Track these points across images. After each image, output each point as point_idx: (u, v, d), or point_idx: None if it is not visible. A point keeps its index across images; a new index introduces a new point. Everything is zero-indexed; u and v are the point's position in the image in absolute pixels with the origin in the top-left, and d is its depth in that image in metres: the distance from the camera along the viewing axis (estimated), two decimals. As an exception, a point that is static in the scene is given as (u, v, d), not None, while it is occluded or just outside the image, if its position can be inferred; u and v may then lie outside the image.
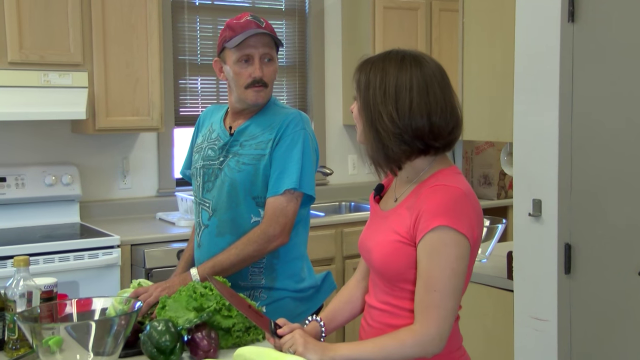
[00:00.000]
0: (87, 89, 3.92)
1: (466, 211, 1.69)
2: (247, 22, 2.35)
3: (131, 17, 4.05)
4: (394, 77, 1.72)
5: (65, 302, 1.85)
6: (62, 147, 4.27)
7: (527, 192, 2.71)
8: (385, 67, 1.74)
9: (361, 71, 1.77)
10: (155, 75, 4.12)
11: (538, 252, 2.69)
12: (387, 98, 1.71)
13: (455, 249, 1.67)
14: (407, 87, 1.71)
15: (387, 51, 1.79)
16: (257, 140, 2.37)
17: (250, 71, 2.35)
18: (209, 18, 4.75)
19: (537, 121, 2.67)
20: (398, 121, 1.70)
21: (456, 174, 1.78)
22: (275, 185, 2.32)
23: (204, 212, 2.45)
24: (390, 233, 1.75)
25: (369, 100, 1.73)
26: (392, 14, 5.00)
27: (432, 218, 1.67)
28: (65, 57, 3.87)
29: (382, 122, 1.71)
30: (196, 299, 1.94)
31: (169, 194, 4.57)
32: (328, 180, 5.19)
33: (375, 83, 1.73)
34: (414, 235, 1.70)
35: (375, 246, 1.79)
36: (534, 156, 2.69)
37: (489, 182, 5.32)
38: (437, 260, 1.67)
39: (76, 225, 4.09)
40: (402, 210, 1.76)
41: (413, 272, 1.72)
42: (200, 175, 2.46)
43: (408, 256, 1.72)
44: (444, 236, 1.66)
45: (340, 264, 4.43)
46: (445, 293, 1.67)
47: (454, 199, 1.69)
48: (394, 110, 1.70)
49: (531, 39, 2.68)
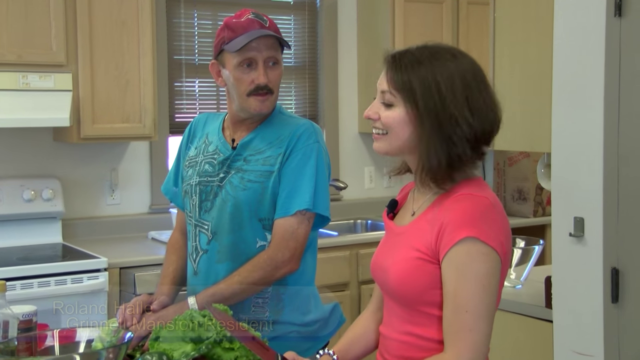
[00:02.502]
0: (71, 93, 3.93)
1: (495, 223, 1.69)
2: (248, 22, 2.34)
3: (121, 11, 4.07)
4: (456, 70, 1.71)
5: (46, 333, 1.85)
6: (43, 157, 4.28)
7: (568, 209, 2.70)
8: (435, 60, 1.72)
9: (403, 70, 1.74)
10: (147, 77, 4.14)
11: (581, 278, 2.68)
12: (458, 96, 1.70)
13: (485, 263, 1.67)
14: (474, 80, 1.72)
15: (425, 45, 1.77)
16: (264, 155, 2.36)
17: (253, 77, 2.34)
18: (208, 13, 4.77)
19: (578, 128, 2.66)
20: (472, 122, 1.71)
21: (482, 184, 1.78)
22: (285, 205, 2.31)
23: (202, 235, 2.43)
24: (409, 250, 1.75)
25: (433, 102, 1.70)
26: (414, 7, 5.00)
27: (457, 229, 1.67)
28: (47, 57, 3.89)
29: (455, 126, 1.70)
30: (194, 329, 1.94)
31: (163, 210, 4.57)
32: (342, 195, 5.18)
33: (436, 79, 1.70)
34: (437, 250, 1.70)
35: (391, 265, 1.78)
36: (575, 168, 2.68)
37: (524, 198, 5.30)
38: (465, 276, 1.66)
39: (58, 246, 4.10)
40: (422, 223, 1.76)
41: (436, 294, 1.71)
42: (196, 193, 2.45)
43: (430, 275, 1.71)
44: (472, 249, 1.66)
45: (356, 290, 4.42)
46: (477, 314, 1.66)
47: (481, 208, 1.69)
48: (467, 111, 1.70)
49: (572, 34, 2.67)
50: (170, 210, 4.42)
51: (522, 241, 3.25)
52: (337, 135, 5.21)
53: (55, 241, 4.16)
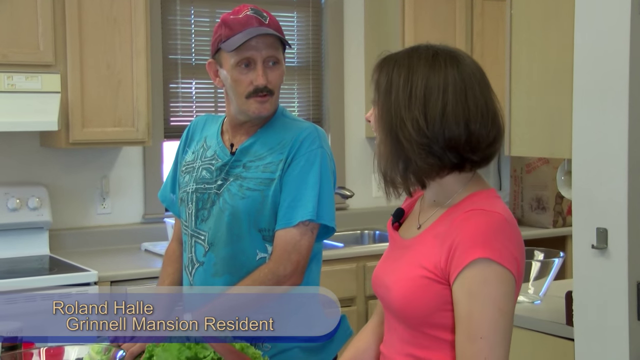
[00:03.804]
0: (59, 95, 3.94)
1: (509, 241, 1.69)
2: (246, 18, 2.34)
3: (112, 8, 4.08)
4: (424, 76, 1.72)
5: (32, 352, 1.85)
6: (29, 164, 4.29)
7: (590, 219, 2.69)
8: (412, 64, 1.74)
9: (381, 70, 1.78)
10: (141, 78, 4.14)
11: (604, 293, 2.67)
12: (414, 101, 1.71)
13: (500, 285, 1.66)
14: (441, 89, 1.71)
15: (414, 46, 1.80)
16: (265, 162, 2.36)
17: (251, 78, 2.34)
18: (206, 10, 4.78)
19: (601, 132, 2.65)
20: (426, 129, 1.71)
21: (494, 197, 1.78)
22: (287, 215, 2.31)
23: (198, 246, 2.44)
24: (414, 267, 1.74)
25: (389, 104, 1.74)
26: (425, 3, 5.01)
27: (470, 249, 1.66)
28: (33, 56, 3.90)
29: (404, 129, 1.71)
30: (190, 347, 1.94)
31: (157, 220, 4.58)
32: (348, 204, 5.18)
33: (399, 83, 1.73)
34: (447, 271, 1.69)
35: (394, 283, 1.77)
36: (598, 175, 2.67)
37: (542, 207, 5.30)
38: (479, 300, 1.66)
39: (45, 258, 4.10)
40: (429, 238, 1.76)
41: (444, 316, 1.71)
42: (192, 201, 2.45)
43: (437, 295, 1.71)
44: (486, 271, 1.65)
45: (362, 305, 4.41)
46: (494, 340, 1.65)
47: (495, 226, 1.69)
48: (421, 116, 1.71)
49: (594, 33, 2.67)
50: (165, 220, 4.43)
51: (541, 253, 3.24)
52: (342, 140, 5.21)
53: (41, 253, 4.16)
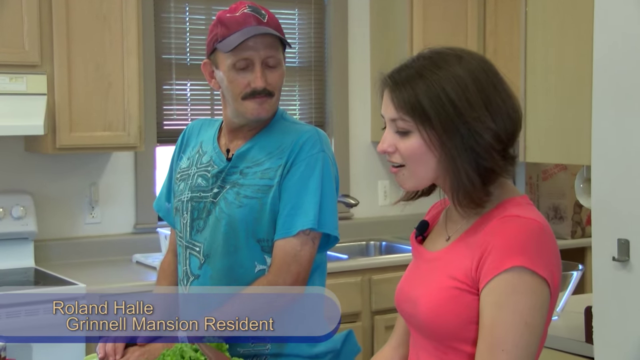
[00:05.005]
0: (45, 97, 3.94)
1: (547, 250, 1.70)
2: (244, 16, 2.34)
3: (102, 5, 4.09)
4: (465, 72, 1.71)
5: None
6: (13, 170, 4.29)
7: (611, 230, 2.69)
8: (438, 69, 1.72)
9: (402, 85, 1.73)
10: (132, 78, 4.14)
11: (625, 308, 2.66)
12: (473, 102, 1.70)
13: (531, 296, 1.66)
14: (487, 78, 1.72)
15: (416, 55, 1.78)
16: (262, 167, 2.37)
17: (249, 79, 2.34)
18: (201, 7, 4.79)
19: (622, 137, 2.65)
20: (495, 127, 1.71)
21: (528, 204, 1.78)
22: (287, 224, 2.31)
23: (193, 258, 2.43)
24: (444, 278, 1.75)
25: (448, 117, 1.69)
26: (434, 0, 5.01)
27: (505, 257, 1.66)
28: (18, 56, 3.90)
29: (478, 137, 1.70)
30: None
31: (149, 230, 4.57)
32: (352, 213, 5.18)
33: (445, 89, 1.70)
34: (477, 278, 1.70)
35: (422, 296, 1.77)
36: (619, 182, 2.67)
37: (560, 217, 5.29)
38: (505, 309, 1.66)
39: (30, 271, 4.09)
40: (460, 248, 1.76)
41: (475, 329, 1.71)
42: (187, 211, 2.45)
43: (468, 307, 1.71)
44: (517, 280, 1.66)
45: (368, 320, 4.41)
46: (515, 355, 1.65)
47: (531, 233, 1.69)
48: (487, 116, 1.70)
49: (614, 32, 2.67)
50: (158, 231, 4.42)
51: (559, 266, 3.23)
52: (347, 145, 5.21)
53: (26, 265, 4.16)
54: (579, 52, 3.00)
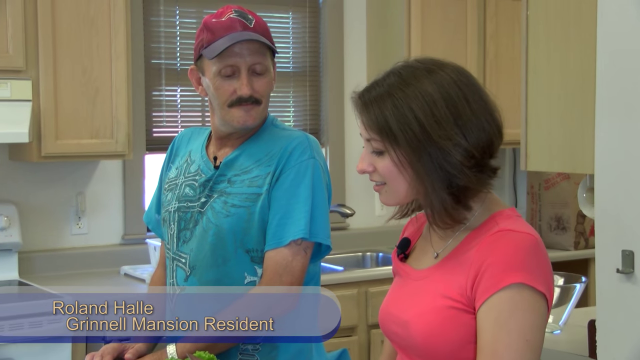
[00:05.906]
0: (30, 103, 3.94)
1: (542, 264, 1.71)
2: (229, 22, 2.35)
3: (90, 8, 4.08)
4: (433, 87, 1.72)
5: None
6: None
7: (615, 241, 2.69)
8: (406, 85, 1.73)
9: (370, 105, 1.75)
10: (120, 84, 4.14)
11: (630, 321, 2.66)
12: (442, 119, 1.70)
13: (532, 313, 1.67)
14: (457, 90, 1.72)
15: (388, 71, 1.79)
16: (251, 175, 2.37)
17: (235, 86, 2.35)
18: (192, 10, 4.79)
19: (626, 145, 2.65)
20: (466, 142, 1.71)
21: (517, 216, 1.79)
22: (277, 234, 2.31)
23: (179, 270, 2.43)
24: (437, 297, 1.74)
25: (414, 136, 1.70)
26: (433, 3, 5.01)
27: (504, 273, 1.67)
28: (2, 61, 3.89)
29: (447, 156, 1.70)
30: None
31: (138, 241, 4.57)
32: (348, 223, 5.18)
33: (411, 107, 1.71)
34: (473, 297, 1.70)
35: (415, 317, 1.77)
36: (623, 192, 2.67)
37: (562, 227, 5.29)
38: (506, 329, 1.66)
39: (14, 284, 4.09)
40: (451, 265, 1.76)
41: (473, 349, 1.71)
42: (174, 221, 2.45)
43: (465, 327, 1.71)
44: (517, 297, 1.66)
45: (364, 335, 4.40)
46: None
47: (529, 249, 1.70)
48: (457, 132, 1.70)
49: (619, 36, 2.67)
50: (146, 242, 4.42)
51: (562, 278, 3.24)
52: (342, 152, 5.21)
53: (10, 277, 4.15)
54: (583, 58, 3.00)
